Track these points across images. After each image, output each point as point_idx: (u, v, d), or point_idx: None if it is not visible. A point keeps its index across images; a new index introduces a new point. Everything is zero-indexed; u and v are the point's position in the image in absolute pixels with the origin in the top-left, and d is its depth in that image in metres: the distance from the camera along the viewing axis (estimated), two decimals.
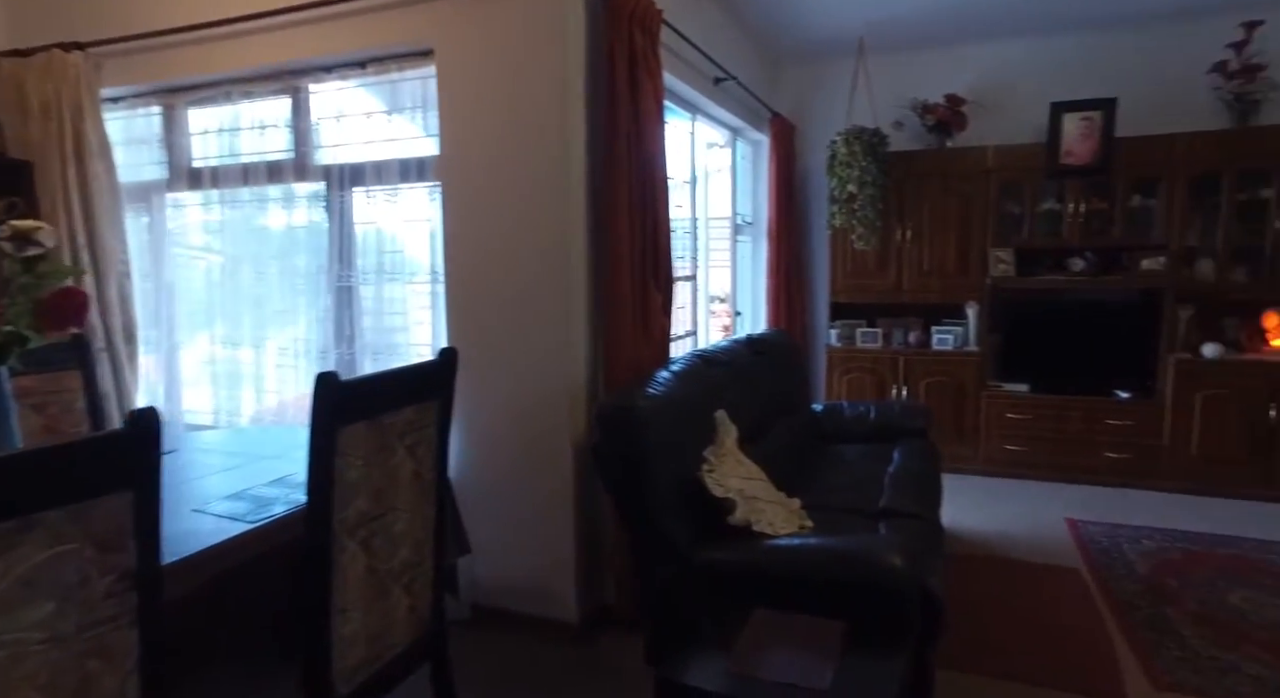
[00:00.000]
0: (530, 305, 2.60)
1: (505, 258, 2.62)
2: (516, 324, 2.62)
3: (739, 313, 4.98)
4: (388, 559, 1.66)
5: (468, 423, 2.73)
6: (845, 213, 4.44)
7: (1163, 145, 4.12)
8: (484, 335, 2.67)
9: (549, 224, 2.55)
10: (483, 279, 2.66)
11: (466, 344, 2.68)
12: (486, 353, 2.67)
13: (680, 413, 2.31)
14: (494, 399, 2.68)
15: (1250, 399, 3.97)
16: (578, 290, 2.59)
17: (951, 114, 4.60)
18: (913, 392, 4.61)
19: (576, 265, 2.58)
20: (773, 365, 3.37)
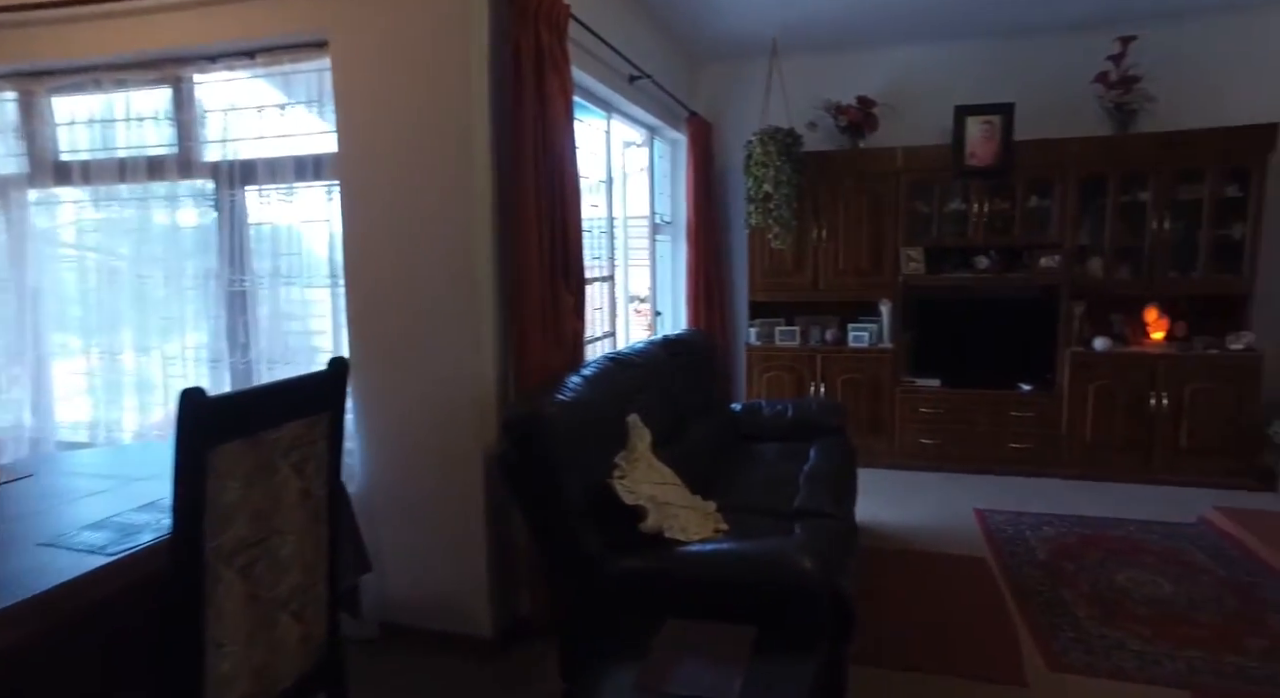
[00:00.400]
0: (436, 310, 2.50)
1: (409, 260, 2.51)
2: (421, 329, 2.52)
3: (659, 313, 4.97)
4: (272, 586, 1.55)
5: (372, 434, 2.61)
6: (762, 212, 4.48)
7: (1056, 149, 4.32)
8: (387, 342, 2.56)
9: (454, 225, 2.46)
10: (385, 283, 2.54)
11: (369, 351, 2.58)
12: (391, 360, 2.55)
13: (590, 419, 2.26)
14: (400, 409, 2.57)
15: (1134, 389, 4.21)
16: (485, 293, 2.50)
17: (863, 115, 4.70)
18: (830, 388, 4.70)
19: (483, 267, 2.49)
20: (689, 366, 3.36)
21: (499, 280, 2.58)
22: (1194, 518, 3.66)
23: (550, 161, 2.60)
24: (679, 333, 3.64)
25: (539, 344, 2.55)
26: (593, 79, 3.46)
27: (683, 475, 2.73)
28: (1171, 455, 4.20)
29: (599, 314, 4.04)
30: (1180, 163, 4.17)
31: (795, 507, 2.68)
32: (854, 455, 3.50)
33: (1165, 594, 2.90)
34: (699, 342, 3.66)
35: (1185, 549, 3.32)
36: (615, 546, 2.11)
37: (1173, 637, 2.59)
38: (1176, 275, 4.26)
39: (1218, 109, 4.31)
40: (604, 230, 4.00)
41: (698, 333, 3.82)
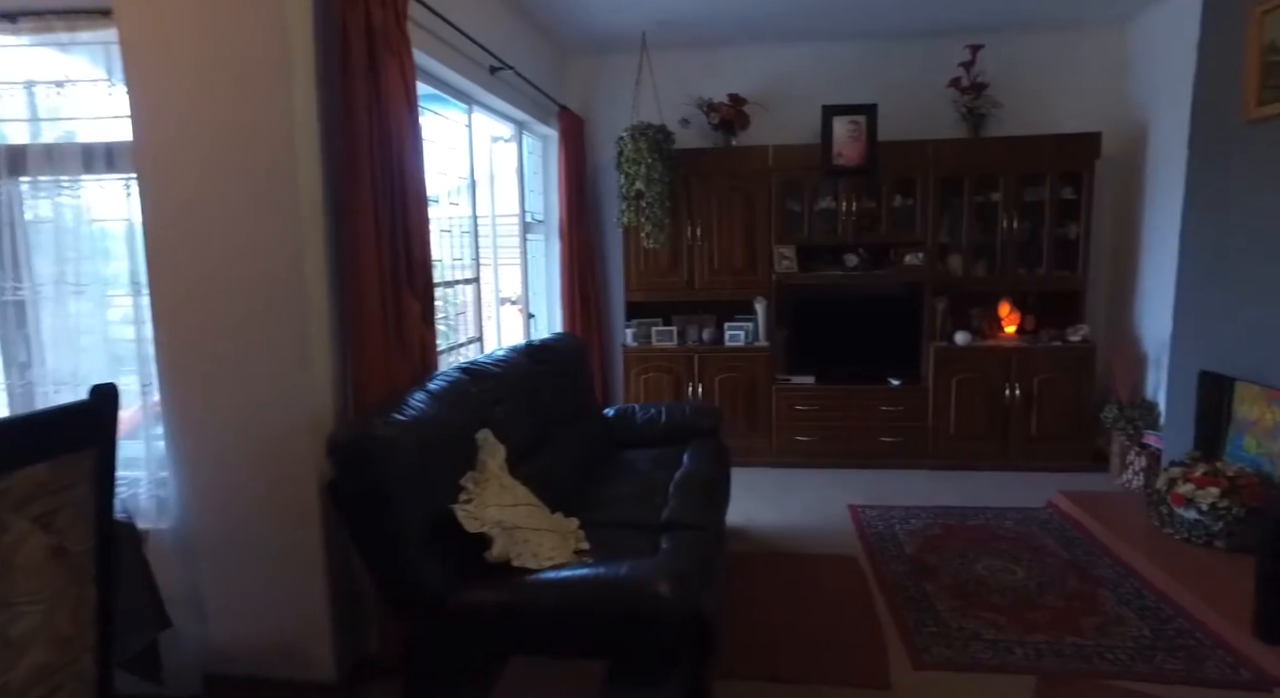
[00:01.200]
0: (258, 322, 2.21)
1: (223, 266, 2.21)
2: (242, 344, 2.22)
3: (533, 315, 4.77)
4: (2, 673, 1.26)
5: (189, 463, 2.30)
6: (634, 210, 4.38)
7: (917, 150, 4.45)
8: (202, 358, 2.24)
9: (277, 225, 2.18)
10: (197, 292, 2.23)
11: (181, 370, 2.26)
12: (207, 379, 2.25)
13: (434, 438, 2.05)
14: (220, 433, 2.26)
15: (991, 381, 4.41)
16: (316, 302, 2.24)
17: (735, 113, 4.68)
18: (708, 388, 4.66)
19: (314, 273, 2.23)
20: (556, 372, 3.20)
21: (333, 287, 2.32)
22: (1043, 503, 3.85)
23: (390, 155, 2.36)
24: (545, 338, 3.47)
25: (380, 356, 2.32)
26: (448, 69, 3.23)
27: (547, 491, 2.57)
28: (1024, 443, 4.43)
29: (463, 318, 3.81)
30: (1024, 166, 4.39)
31: (663, 519, 2.58)
32: (727, 459, 3.45)
33: (1017, 580, 3.01)
34: (568, 346, 3.51)
35: (1035, 534, 3.47)
36: (462, 577, 1.92)
37: (1022, 623, 2.67)
38: (1025, 272, 4.50)
39: (1053, 117, 4.58)
40: (467, 229, 3.77)
41: (567, 337, 3.66)
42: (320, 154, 2.26)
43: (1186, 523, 3.10)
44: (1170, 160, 4.04)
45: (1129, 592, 2.90)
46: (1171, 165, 4.01)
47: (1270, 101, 3.04)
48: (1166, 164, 4.11)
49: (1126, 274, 4.52)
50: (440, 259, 3.45)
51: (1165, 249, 4.09)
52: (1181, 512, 3.11)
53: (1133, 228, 4.46)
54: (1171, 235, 3.92)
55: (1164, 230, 4.12)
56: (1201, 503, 3.03)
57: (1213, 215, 3.39)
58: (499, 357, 2.89)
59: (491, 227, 4.46)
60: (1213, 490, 3.01)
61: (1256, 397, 3.24)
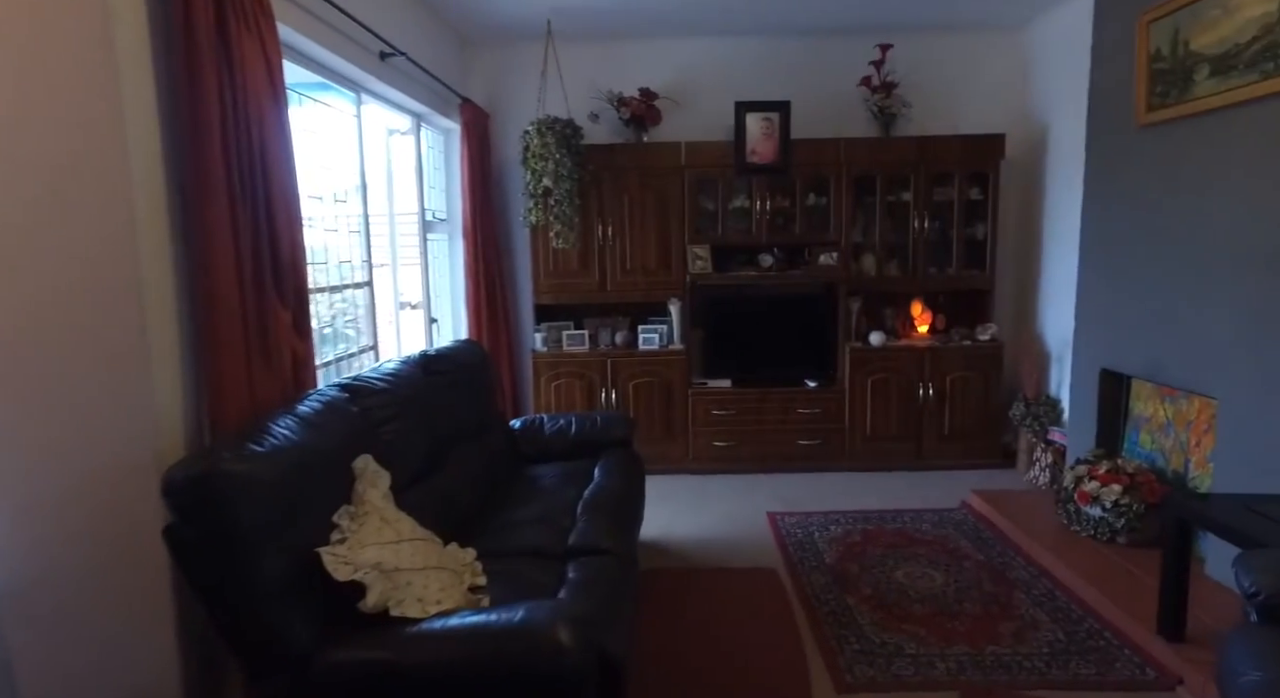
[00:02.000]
0: (88, 344, 1.87)
1: (34, 274, 1.86)
2: (66, 372, 1.87)
3: (435, 320, 4.48)
4: None
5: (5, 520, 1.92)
6: (542, 209, 4.15)
7: (830, 149, 4.41)
8: (11, 391, 1.88)
9: (105, 227, 1.85)
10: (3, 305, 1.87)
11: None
12: (20, 417, 1.88)
13: (299, 470, 1.78)
14: (41, 483, 1.89)
15: (906, 381, 4.42)
16: (157, 314, 1.91)
17: (646, 108, 4.52)
18: (622, 394, 4.48)
19: (154, 281, 1.90)
20: (454, 384, 2.94)
21: (182, 296, 2.00)
22: (958, 503, 3.86)
23: (250, 146, 2.06)
24: (441, 347, 3.20)
25: (241, 374, 2.02)
26: (331, 53, 2.92)
27: (441, 518, 2.33)
28: (937, 442, 4.46)
29: (356, 326, 3.50)
30: (934, 166, 4.41)
31: (570, 544, 2.38)
32: (641, 471, 3.28)
33: (936, 587, 2.96)
34: (467, 354, 3.25)
35: (951, 536, 3.46)
36: (333, 632, 1.67)
37: (943, 634, 2.61)
38: (936, 271, 4.52)
39: (960, 118, 4.63)
40: (357, 229, 3.45)
41: (467, 344, 3.40)
42: (161, 145, 1.94)
43: (1092, 520, 3.14)
44: (1068, 163, 4.13)
45: (1042, 593, 2.90)
46: (1070, 168, 4.10)
47: (1158, 108, 3.10)
48: (1065, 167, 4.20)
49: (1030, 273, 4.62)
50: (326, 261, 3.14)
51: (1065, 249, 4.18)
52: (1088, 509, 3.15)
53: (1035, 228, 4.56)
54: (1071, 236, 4.01)
55: (1064, 231, 4.21)
56: (1105, 500, 3.06)
57: (1109, 218, 3.46)
58: (387, 370, 2.62)
59: (390, 226, 4.15)
60: (1115, 488, 3.05)
61: (1150, 394, 3.32)
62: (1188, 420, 3.08)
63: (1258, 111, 2.63)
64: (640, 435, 4.38)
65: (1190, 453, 3.06)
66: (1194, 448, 3.04)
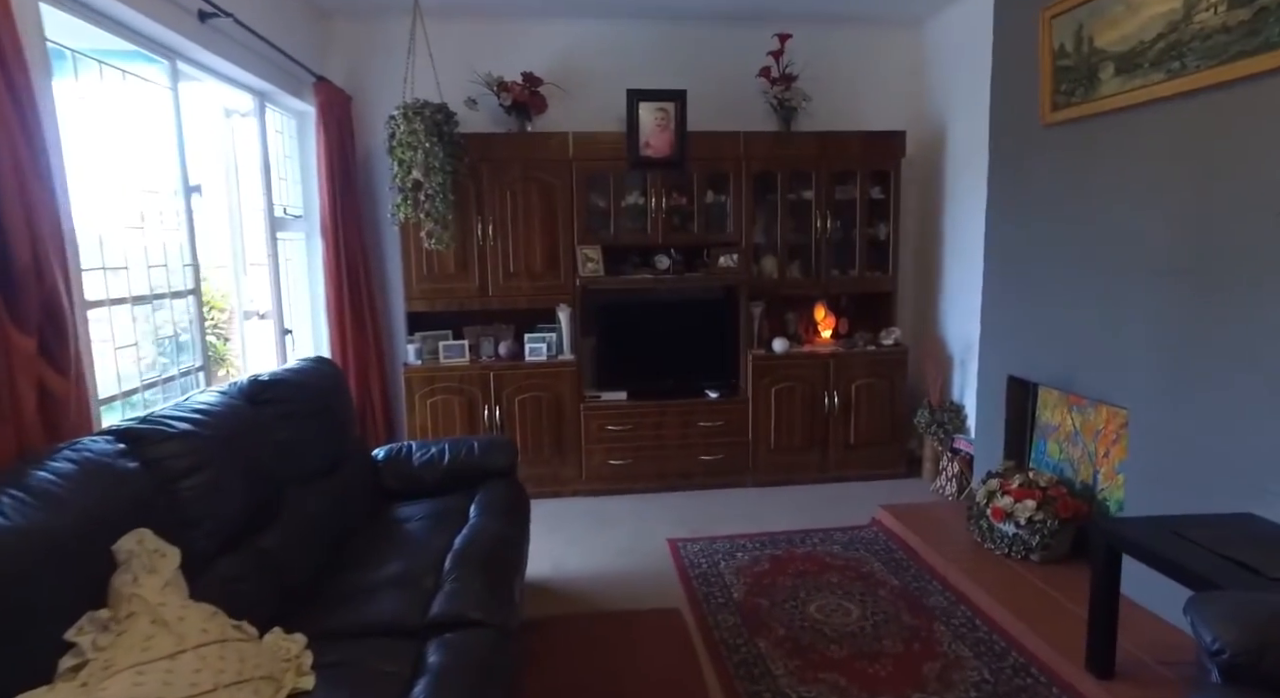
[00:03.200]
0: None
1: None
2: None
3: (289, 331, 3.88)
4: None
5: None
6: (411, 204, 3.64)
7: (728, 143, 4.12)
8: None
9: None
10: None
11: None
12: None
13: (16, 567, 1.26)
14: None
15: (810, 389, 4.20)
16: None
17: (529, 94, 4.08)
18: (507, 411, 4.04)
19: None
20: (292, 415, 2.42)
21: None
22: (868, 520, 3.67)
23: None
24: (278, 371, 2.64)
25: None
26: (126, 6, 2.34)
27: (263, 594, 1.86)
28: (843, 451, 4.27)
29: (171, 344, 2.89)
30: (835, 163, 4.22)
31: (432, 615, 1.93)
32: (525, 506, 2.87)
33: (853, 622, 2.71)
34: (314, 377, 2.72)
35: (863, 559, 3.24)
36: None
37: (865, 681, 2.35)
38: (839, 273, 4.33)
39: (861, 113, 4.47)
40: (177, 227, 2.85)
41: (315, 364, 2.86)
42: None
43: (1006, 538, 2.98)
44: (968, 162, 4.03)
45: (962, 623, 2.69)
46: (970, 167, 3.99)
47: (1063, 107, 2.97)
48: (965, 166, 4.10)
49: (931, 275, 4.51)
50: (126, 266, 2.54)
51: (966, 250, 4.08)
52: (1001, 526, 2.99)
53: (935, 228, 4.45)
54: (971, 236, 3.90)
55: (964, 231, 4.11)
56: (1020, 517, 2.91)
57: (1013, 220, 3.33)
58: (196, 405, 2.08)
59: (233, 223, 3.54)
60: (1029, 504, 2.90)
61: (1057, 402, 3.21)
62: (1096, 430, 2.97)
63: (1164, 111, 2.51)
64: (528, 456, 3.97)
65: (1099, 464, 2.96)
66: (1102, 459, 2.93)
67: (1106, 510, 2.88)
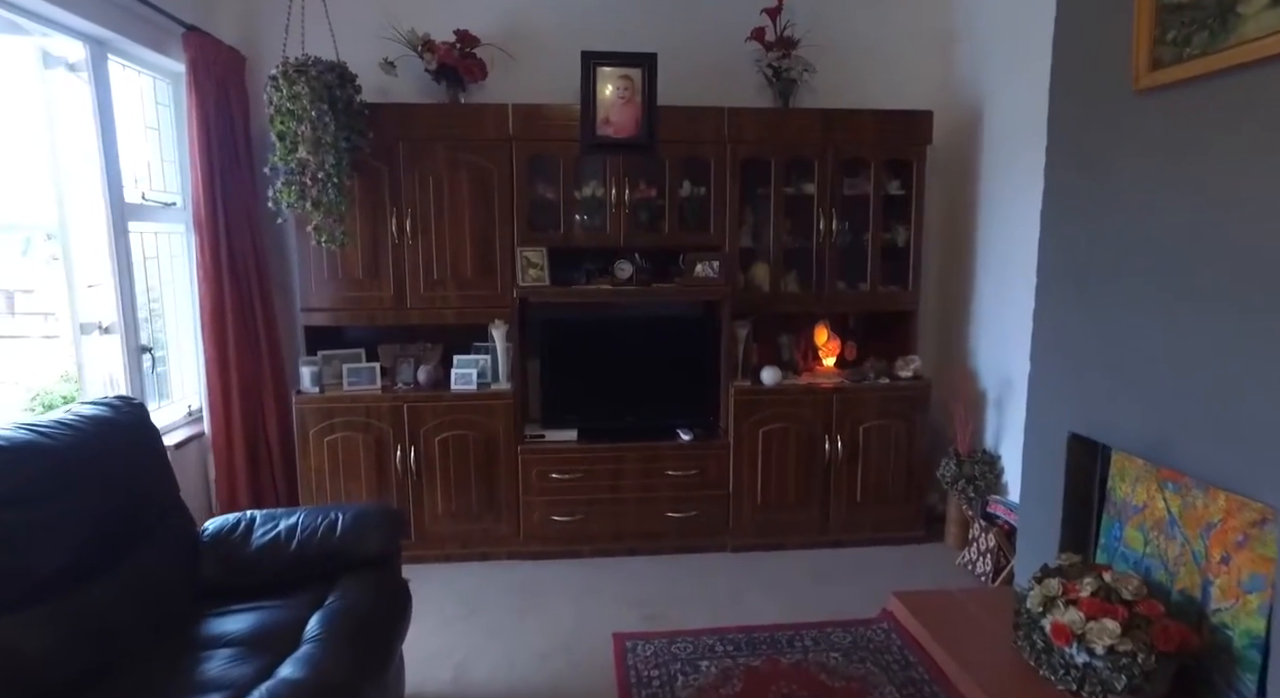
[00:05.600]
0: None
1: None
2: None
3: (147, 349, 3.06)
4: None
5: None
6: (295, 190, 2.83)
7: (711, 121, 3.29)
8: None
9: None
10: None
11: None
12: None
13: None
14: None
15: (807, 431, 3.35)
16: None
17: (460, 57, 3.26)
18: (426, 453, 3.21)
19: None
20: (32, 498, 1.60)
21: None
22: (876, 611, 2.83)
23: None
24: (22, 426, 1.81)
25: None
26: None
27: None
28: (848, 511, 3.42)
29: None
30: (845, 150, 3.37)
31: None
32: (400, 614, 2.05)
33: None
34: (78, 433, 1.89)
35: (871, 676, 2.40)
36: None
37: None
38: (846, 287, 3.49)
39: (875, 88, 3.61)
40: None
41: (102, 409, 2.04)
42: None
43: (1074, 669, 2.13)
44: (1013, 149, 3.18)
45: None
46: (1016, 155, 3.14)
47: (1170, 63, 2.10)
48: (1008, 153, 3.25)
49: (961, 291, 3.65)
50: None
51: (1007, 260, 3.24)
52: (1067, 650, 2.14)
53: (967, 233, 3.59)
54: (1015, 243, 3.07)
55: (1005, 236, 3.26)
56: (1095, 643, 2.06)
57: (1081, 222, 2.48)
58: None
59: (60, 210, 2.76)
60: (1110, 625, 2.05)
61: (1142, 474, 2.34)
62: (1206, 523, 2.11)
63: None
64: (450, 511, 3.16)
65: (1211, 571, 2.10)
66: (1218, 566, 2.08)
67: (1228, 642, 2.03)
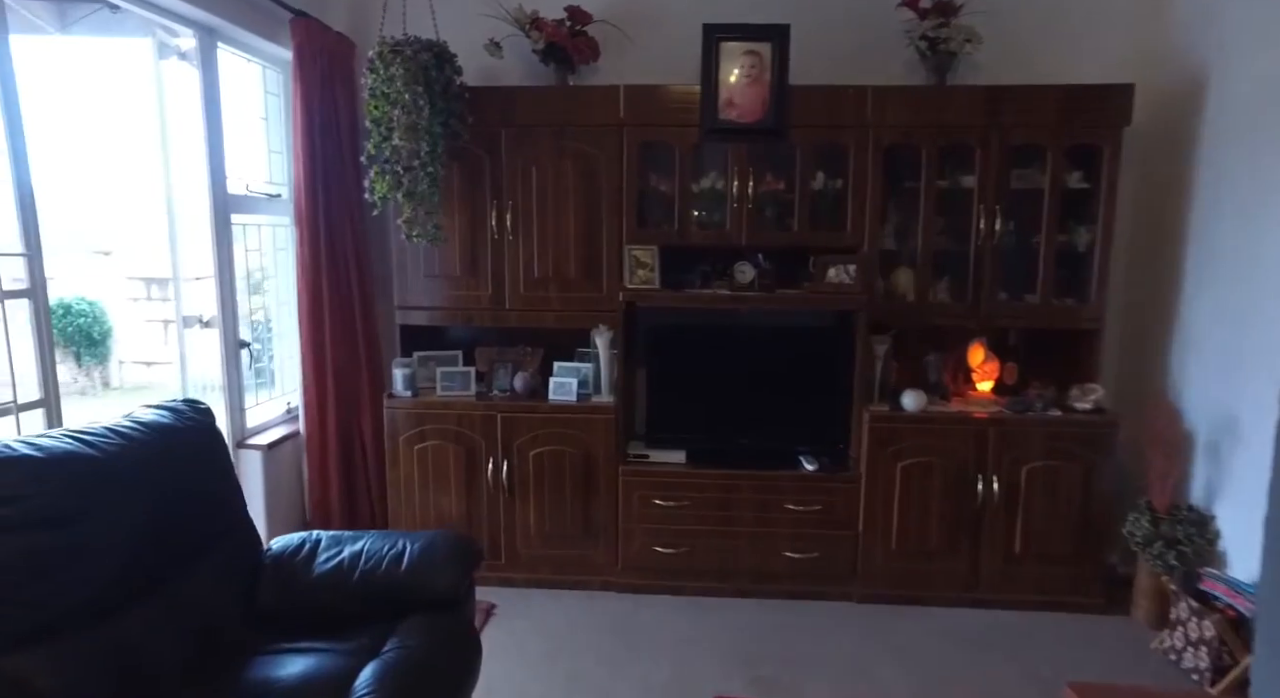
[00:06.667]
0: None
1: None
2: None
3: (246, 344, 2.98)
4: None
5: None
6: (390, 180, 2.63)
7: (852, 103, 2.83)
8: None
9: None
10: None
11: None
12: None
13: None
14: None
15: (956, 469, 2.82)
16: None
17: (570, 35, 2.97)
18: (520, 469, 2.94)
19: None
20: (41, 522, 1.43)
21: None
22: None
23: None
24: (21, 445, 1.63)
25: None
26: None
27: None
28: (1004, 565, 2.86)
29: None
30: (1014, 135, 2.81)
31: None
32: (465, 671, 1.76)
33: None
34: (154, 435, 1.72)
35: None
36: None
37: None
38: (1009, 298, 2.92)
39: (1056, 60, 3.02)
40: None
41: (163, 415, 1.87)
42: None
43: None
44: (1256, 135, 2.52)
45: None
46: (1261, 144, 2.48)
47: None
48: (1248, 141, 2.57)
49: (1162, 306, 2.98)
50: None
51: (1232, 272, 2.58)
52: None
53: (1173, 235, 2.92)
54: (1246, 252, 2.41)
55: (1232, 243, 2.60)
56: None
57: None
58: None
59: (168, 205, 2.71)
60: None
61: None
62: None
63: None
64: (543, 533, 2.88)
65: None
66: None
67: None
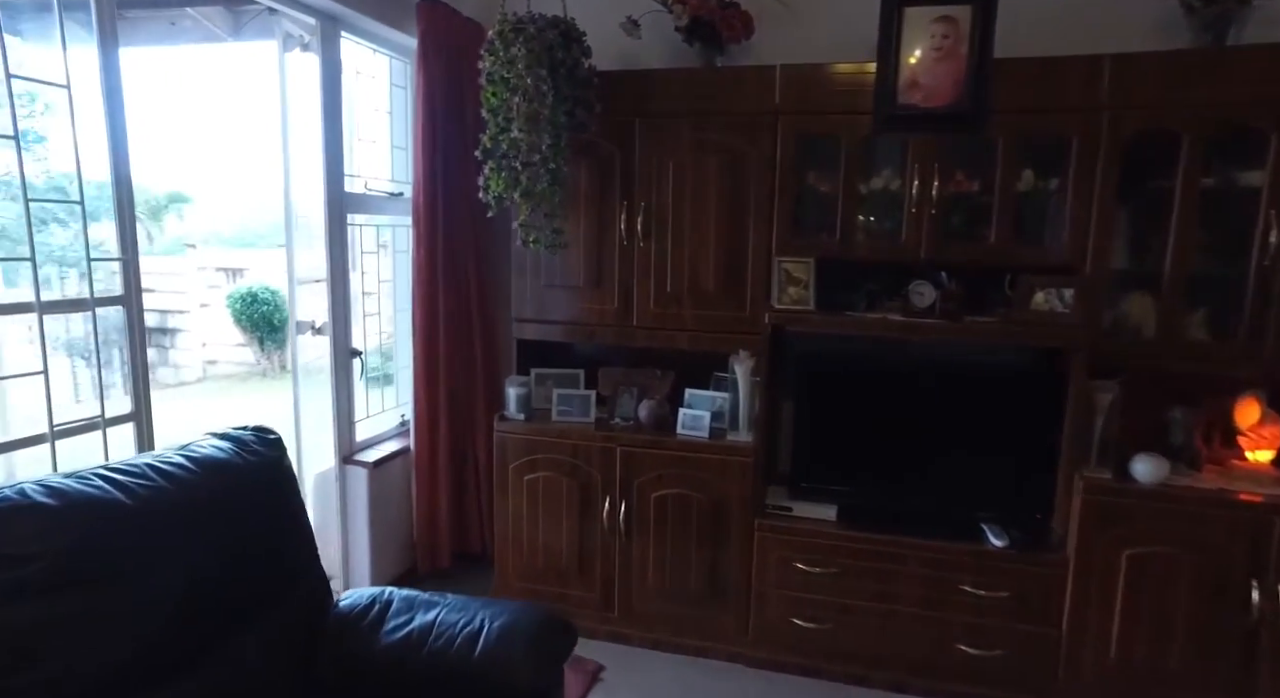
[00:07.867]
0: None
1: None
2: None
3: (358, 353, 2.79)
4: None
5: None
6: (507, 176, 2.32)
7: (1078, 77, 2.19)
8: None
9: None
10: None
11: None
12: None
13: None
14: None
15: (1212, 565, 2.10)
16: None
17: (718, 8, 2.53)
18: (639, 511, 2.55)
19: None
20: (39, 586, 1.19)
21: None
22: None
23: None
24: (27, 492, 1.37)
25: None
26: None
27: None
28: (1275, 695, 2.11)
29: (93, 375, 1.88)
30: None
31: None
32: None
33: None
34: (206, 476, 1.47)
35: None
36: None
37: None
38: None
39: None
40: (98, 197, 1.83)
41: (221, 450, 1.62)
42: None
43: None
44: None
45: None
46: None
47: None
48: None
49: None
50: None
51: None
52: None
53: None
54: None
55: None
56: None
57: None
58: None
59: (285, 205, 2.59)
60: None
61: None
62: None
63: None
64: (663, 586, 2.51)
65: None
66: None
67: None
